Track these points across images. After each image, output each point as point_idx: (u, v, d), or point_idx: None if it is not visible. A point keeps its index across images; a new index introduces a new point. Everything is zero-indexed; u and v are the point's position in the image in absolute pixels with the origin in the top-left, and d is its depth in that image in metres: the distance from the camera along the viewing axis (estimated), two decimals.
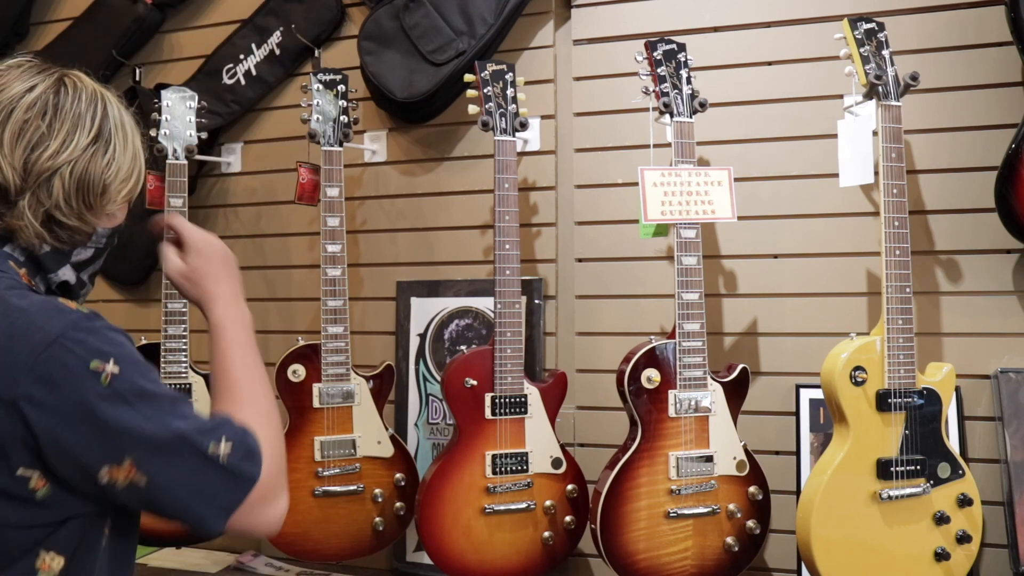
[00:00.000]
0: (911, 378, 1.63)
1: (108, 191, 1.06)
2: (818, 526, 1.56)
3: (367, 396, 1.99)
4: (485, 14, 2.08)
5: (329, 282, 1.96)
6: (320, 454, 1.92)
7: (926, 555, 1.61)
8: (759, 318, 1.98)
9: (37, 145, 1.00)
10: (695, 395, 1.74)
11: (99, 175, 1.04)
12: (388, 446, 1.98)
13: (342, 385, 1.96)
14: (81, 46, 2.44)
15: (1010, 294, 1.83)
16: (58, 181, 1.01)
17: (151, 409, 0.95)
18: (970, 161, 1.86)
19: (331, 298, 1.96)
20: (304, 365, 1.94)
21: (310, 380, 1.94)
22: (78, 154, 1.02)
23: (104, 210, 1.08)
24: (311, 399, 1.94)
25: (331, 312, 1.96)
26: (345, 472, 1.94)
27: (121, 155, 1.07)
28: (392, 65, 2.14)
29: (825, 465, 1.60)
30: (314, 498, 1.91)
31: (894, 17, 1.87)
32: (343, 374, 1.96)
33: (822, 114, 1.93)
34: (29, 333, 0.93)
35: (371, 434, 1.97)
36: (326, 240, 1.97)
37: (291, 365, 1.94)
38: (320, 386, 1.94)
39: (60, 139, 1.01)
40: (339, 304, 1.97)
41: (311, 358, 1.95)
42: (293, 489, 1.35)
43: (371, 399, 1.99)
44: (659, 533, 1.70)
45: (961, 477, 1.64)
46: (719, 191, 1.79)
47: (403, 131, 2.26)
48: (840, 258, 1.93)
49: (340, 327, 1.96)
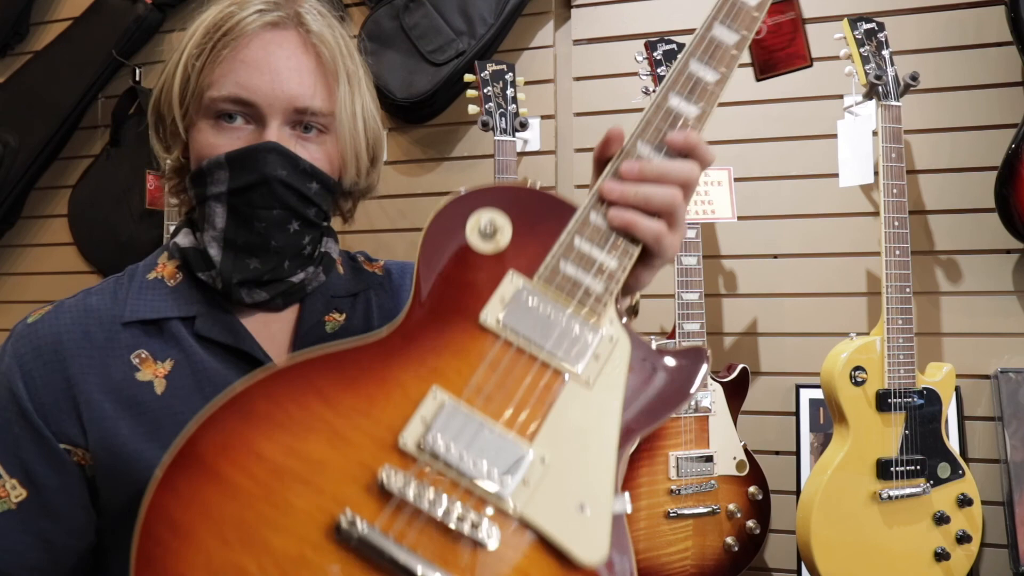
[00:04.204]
0: (911, 378, 1.63)
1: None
2: (818, 526, 1.56)
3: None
4: (485, 14, 2.08)
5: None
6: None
7: (926, 555, 1.61)
8: (759, 318, 1.98)
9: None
10: (695, 395, 1.74)
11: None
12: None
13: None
14: (81, 46, 2.44)
15: (1010, 294, 1.83)
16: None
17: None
18: (970, 161, 1.86)
19: None
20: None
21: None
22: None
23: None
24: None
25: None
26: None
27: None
28: (392, 65, 2.14)
29: (825, 465, 1.60)
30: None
31: (894, 17, 1.87)
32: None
33: (822, 114, 1.93)
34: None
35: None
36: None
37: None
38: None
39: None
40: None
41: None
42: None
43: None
44: (659, 533, 1.70)
45: (961, 477, 1.64)
46: (719, 191, 1.79)
47: (403, 131, 2.26)
48: (840, 258, 1.93)
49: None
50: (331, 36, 0.90)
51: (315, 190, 0.89)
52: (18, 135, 2.41)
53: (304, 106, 0.87)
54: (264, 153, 0.85)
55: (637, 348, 0.75)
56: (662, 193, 0.76)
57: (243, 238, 0.88)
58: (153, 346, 0.88)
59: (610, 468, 0.70)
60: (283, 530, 0.62)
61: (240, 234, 0.88)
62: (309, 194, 0.89)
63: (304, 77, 0.87)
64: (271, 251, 0.89)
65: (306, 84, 0.87)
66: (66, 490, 0.85)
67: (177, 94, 0.89)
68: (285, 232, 0.89)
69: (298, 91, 0.86)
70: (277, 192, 0.86)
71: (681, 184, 0.77)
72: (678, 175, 0.77)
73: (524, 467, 0.67)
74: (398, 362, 0.71)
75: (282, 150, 0.86)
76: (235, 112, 0.86)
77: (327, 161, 0.90)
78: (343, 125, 0.90)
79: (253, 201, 0.87)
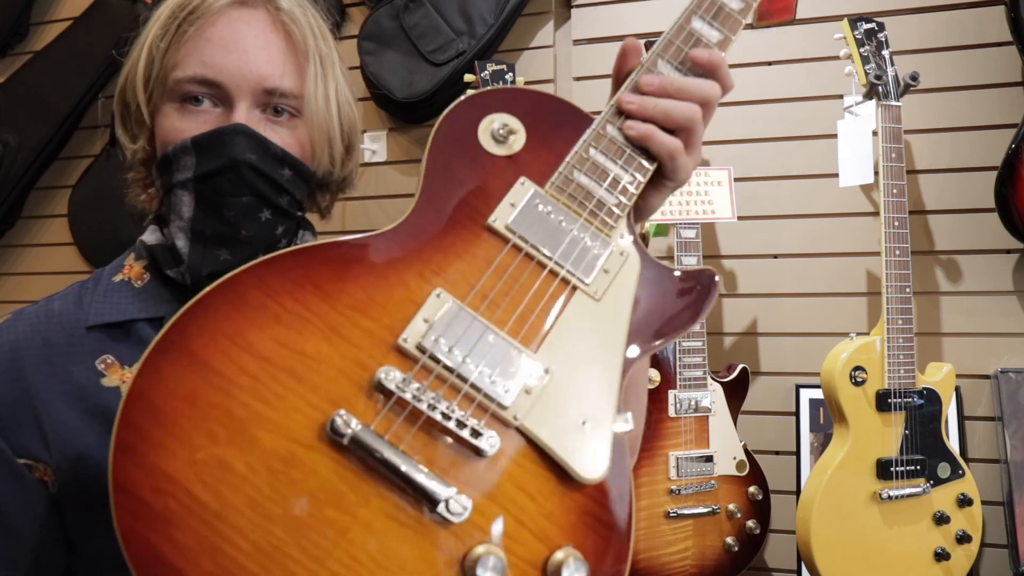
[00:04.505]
0: (911, 378, 1.63)
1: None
2: (818, 526, 1.56)
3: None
4: (485, 14, 2.08)
5: None
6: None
7: (926, 555, 1.61)
8: (759, 318, 1.98)
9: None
10: (695, 395, 1.74)
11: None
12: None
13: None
14: (81, 46, 2.44)
15: (1010, 294, 1.83)
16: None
17: None
18: (970, 161, 1.86)
19: None
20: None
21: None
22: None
23: None
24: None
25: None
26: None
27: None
28: (392, 65, 2.14)
29: (825, 465, 1.60)
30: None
31: (894, 17, 1.87)
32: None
33: (822, 114, 1.93)
34: None
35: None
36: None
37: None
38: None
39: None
40: None
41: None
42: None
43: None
44: (659, 533, 1.70)
45: (961, 477, 1.64)
46: (719, 191, 1.79)
47: (403, 131, 2.26)
48: (840, 258, 1.93)
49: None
50: (302, 15, 0.86)
51: (287, 177, 0.84)
52: (18, 135, 2.41)
53: (273, 86, 0.82)
54: (231, 135, 0.80)
55: (647, 266, 0.74)
56: (682, 108, 0.74)
57: (212, 228, 0.83)
58: (120, 351, 0.83)
59: (614, 384, 0.68)
60: (273, 427, 0.58)
61: (209, 224, 0.83)
62: (281, 181, 0.84)
63: (273, 56, 0.83)
64: (242, 241, 0.83)
65: (275, 63, 0.83)
66: (28, 509, 0.80)
67: (141, 78, 0.85)
68: (256, 221, 0.84)
69: (267, 71, 0.82)
70: (246, 177, 0.81)
71: (701, 102, 0.75)
72: (699, 92, 0.75)
73: (527, 376, 0.65)
74: (401, 259, 0.68)
75: (250, 132, 0.81)
76: (201, 94, 0.82)
77: (299, 147, 0.86)
78: (314, 108, 0.85)
79: (221, 187, 0.81)
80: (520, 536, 0.61)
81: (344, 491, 0.58)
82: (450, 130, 0.75)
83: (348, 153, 0.92)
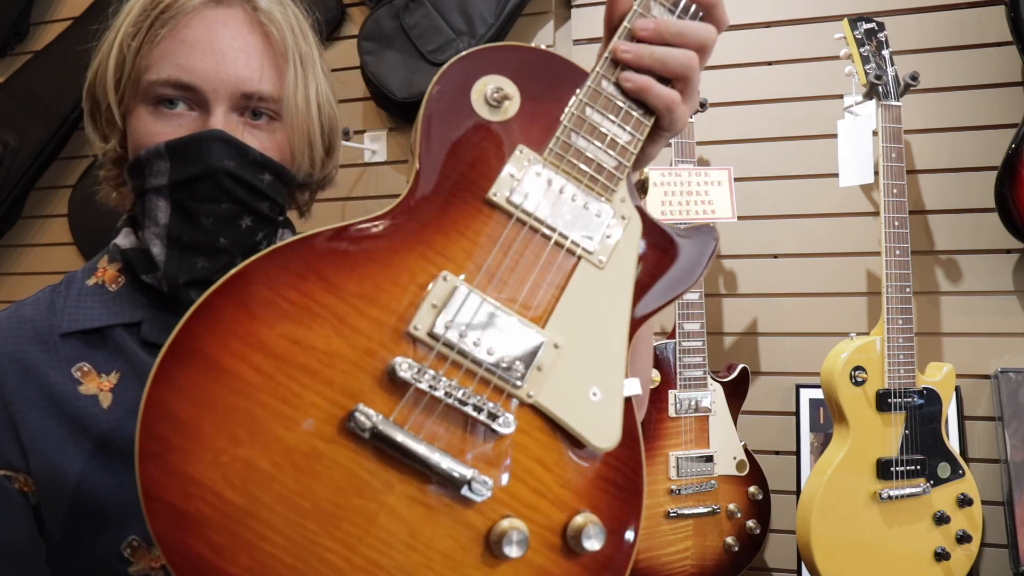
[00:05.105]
0: (911, 378, 1.62)
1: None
2: (818, 526, 1.56)
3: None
4: (485, 14, 2.08)
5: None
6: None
7: (926, 555, 1.61)
8: (759, 318, 1.98)
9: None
10: (695, 395, 1.74)
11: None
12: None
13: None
14: (81, 46, 2.44)
15: (1010, 294, 1.83)
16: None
17: None
18: (970, 161, 1.86)
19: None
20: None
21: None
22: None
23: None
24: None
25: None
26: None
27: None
28: (392, 65, 2.14)
29: (825, 465, 1.60)
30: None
31: (894, 17, 1.87)
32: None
33: (822, 114, 1.93)
34: None
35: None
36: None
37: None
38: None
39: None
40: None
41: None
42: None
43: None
44: (659, 533, 1.70)
45: (961, 477, 1.64)
46: (719, 191, 1.79)
47: (403, 131, 2.25)
48: (840, 258, 1.93)
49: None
50: (281, 14, 0.83)
51: (268, 182, 0.82)
52: (18, 135, 2.41)
53: (251, 90, 0.80)
54: (208, 142, 0.77)
55: (648, 227, 0.73)
56: (679, 55, 0.71)
57: (189, 235, 0.80)
58: (96, 358, 0.81)
59: (621, 351, 0.68)
60: (293, 424, 0.59)
61: (186, 231, 0.80)
62: (261, 186, 0.81)
63: (251, 59, 0.80)
64: (219, 249, 0.80)
65: (253, 66, 0.80)
66: (8, 521, 0.78)
67: (112, 77, 0.81)
68: (235, 228, 0.81)
69: (245, 74, 0.79)
70: (224, 185, 0.78)
71: (698, 47, 0.72)
72: (695, 35, 0.72)
73: (539, 353, 0.66)
74: (403, 243, 0.67)
75: (228, 138, 0.78)
76: (176, 97, 0.79)
77: (278, 151, 0.83)
78: (294, 111, 0.83)
79: (198, 194, 0.78)
80: (539, 506, 0.63)
81: (368, 480, 0.60)
82: (442, 97, 0.73)
83: (328, 154, 0.90)
